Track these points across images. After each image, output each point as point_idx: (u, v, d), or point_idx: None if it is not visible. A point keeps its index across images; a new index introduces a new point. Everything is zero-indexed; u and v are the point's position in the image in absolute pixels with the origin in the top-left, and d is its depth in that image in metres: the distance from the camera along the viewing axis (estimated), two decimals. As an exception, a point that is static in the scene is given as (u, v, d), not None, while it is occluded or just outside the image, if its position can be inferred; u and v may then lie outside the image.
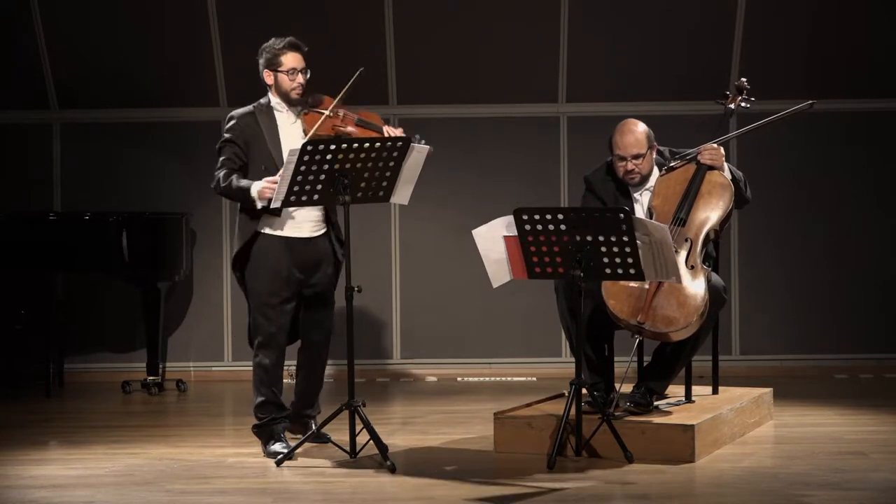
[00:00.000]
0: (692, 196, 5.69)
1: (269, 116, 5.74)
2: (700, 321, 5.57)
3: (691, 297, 5.54)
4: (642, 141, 5.77)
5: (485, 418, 6.28)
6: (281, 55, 5.71)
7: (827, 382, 8.01)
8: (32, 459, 5.70)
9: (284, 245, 5.68)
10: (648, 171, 5.83)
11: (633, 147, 5.76)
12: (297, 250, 5.70)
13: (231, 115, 5.78)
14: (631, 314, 5.55)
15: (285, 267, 5.67)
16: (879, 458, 5.44)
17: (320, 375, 5.92)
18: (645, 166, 5.80)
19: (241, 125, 5.71)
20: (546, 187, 8.42)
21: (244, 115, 5.74)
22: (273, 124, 5.74)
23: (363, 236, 8.07)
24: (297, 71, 5.71)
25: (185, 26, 8.29)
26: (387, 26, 8.24)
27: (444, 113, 8.43)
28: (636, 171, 5.79)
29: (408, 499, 4.84)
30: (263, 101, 5.78)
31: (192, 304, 8.50)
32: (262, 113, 5.74)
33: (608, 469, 5.26)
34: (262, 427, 5.73)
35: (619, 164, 5.81)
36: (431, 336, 8.47)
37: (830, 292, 8.40)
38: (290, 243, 5.69)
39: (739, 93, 5.97)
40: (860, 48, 8.26)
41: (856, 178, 8.41)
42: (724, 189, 5.73)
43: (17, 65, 8.41)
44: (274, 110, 5.76)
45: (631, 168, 5.78)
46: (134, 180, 8.44)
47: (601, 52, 8.31)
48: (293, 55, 5.71)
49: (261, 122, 5.72)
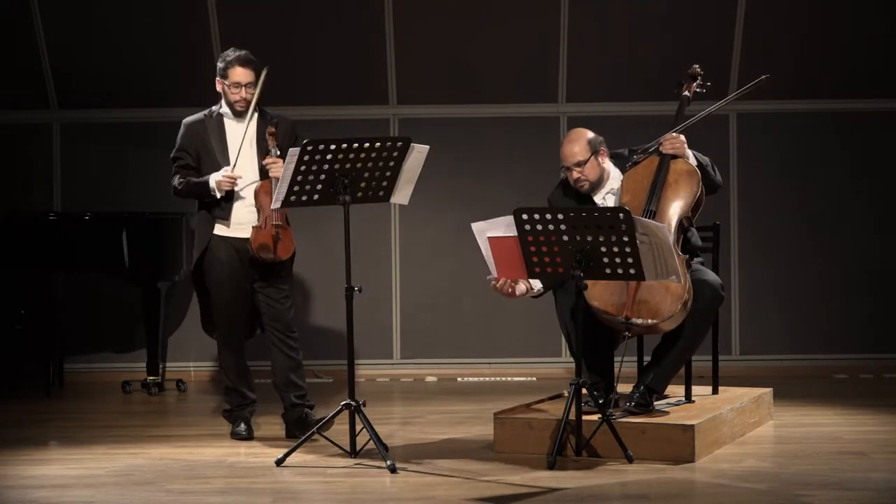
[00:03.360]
0: (659, 186, 5.75)
1: (218, 123, 6.04)
2: (686, 310, 5.59)
3: (673, 284, 5.55)
4: (582, 148, 5.83)
5: (485, 418, 6.28)
6: (229, 68, 6.00)
7: (827, 382, 8.01)
8: (32, 459, 5.70)
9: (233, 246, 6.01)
10: (596, 177, 5.88)
11: (573, 156, 5.84)
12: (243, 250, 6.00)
13: (183, 122, 6.11)
14: (616, 311, 5.59)
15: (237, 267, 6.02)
16: (879, 458, 5.44)
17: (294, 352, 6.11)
18: (590, 172, 5.86)
19: (190, 133, 6.06)
20: (546, 187, 8.37)
21: (194, 122, 6.09)
22: (221, 130, 6.02)
23: (363, 236, 8.07)
24: (242, 86, 5.97)
25: (185, 26, 8.29)
26: (387, 26, 8.24)
27: (444, 113, 8.43)
28: (583, 178, 5.86)
29: (408, 499, 4.84)
30: (215, 108, 6.09)
31: (192, 304, 8.48)
32: (211, 119, 6.05)
33: (608, 469, 5.26)
34: (229, 412, 6.21)
35: (567, 174, 5.92)
36: (431, 336, 8.47)
37: (830, 292, 8.40)
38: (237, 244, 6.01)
39: (693, 79, 6.05)
40: (859, 48, 8.26)
41: (855, 178, 8.41)
42: (690, 176, 5.77)
43: (17, 65, 8.41)
44: (224, 117, 6.06)
45: (577, 176, 5.87)
46: (134, 180, 8.44)
47: (601, 52, 8.31)
48: (242, 70, 5.99)
49: (209, 127, 6.02)
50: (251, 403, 6.21)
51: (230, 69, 5.98)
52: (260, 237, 5.92)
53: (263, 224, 5.92)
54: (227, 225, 6.01)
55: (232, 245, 6.01)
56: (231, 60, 5.99)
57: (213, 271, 6.05)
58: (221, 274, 6.03)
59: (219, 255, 6.03)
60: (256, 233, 5.93)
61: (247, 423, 6.15)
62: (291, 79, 8.11)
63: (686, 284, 5.58)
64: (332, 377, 8.32)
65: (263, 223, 5.92)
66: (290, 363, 6.09)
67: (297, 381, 6.08)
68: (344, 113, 8.35)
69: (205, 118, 6.06)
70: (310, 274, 8.20)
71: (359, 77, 8.33)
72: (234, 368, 6.18)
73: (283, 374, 6.09)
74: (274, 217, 5.90)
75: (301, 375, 6.11)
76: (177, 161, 6.07)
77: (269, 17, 8.21)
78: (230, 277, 6.03)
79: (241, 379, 6.19)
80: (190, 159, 6.02)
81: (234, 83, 5.98)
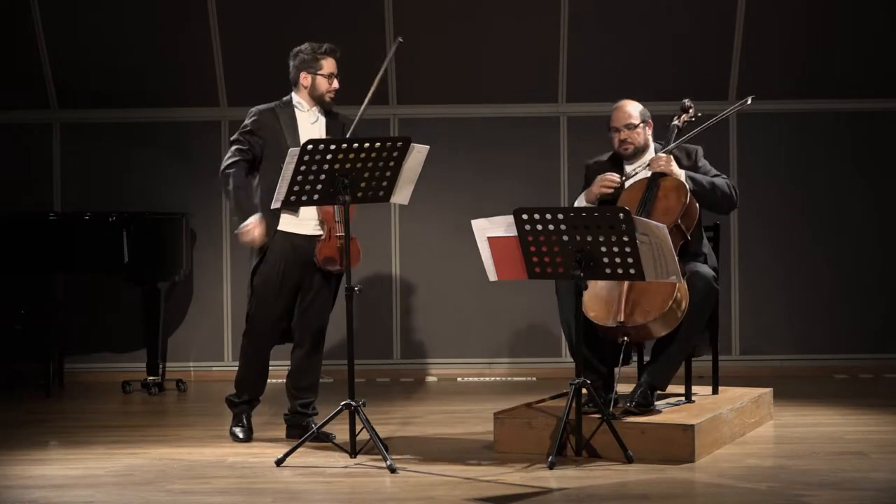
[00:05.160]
0: (650, 200, 5.90)
1: (289, 114, 5.96)
2: (680, 311, 5.62)
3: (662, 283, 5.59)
4: (635, 114, 6.11)
5: (485, 418, 6.28)
6: (321, 59, 5.97)
7: (827, 382, 8.01)
8: (32, 459, 5.70)
9: (291, 243, 5.91)
10: (642, 144, 6.11)
11: (627, 117, 6.09)
12: (301, 247, 5.89)
13: (253, 109, 6.00)
14: (611, 318, 5.65)
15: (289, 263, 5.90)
16: (879, 458, 5.44)
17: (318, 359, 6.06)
18: (637, 138, 6.09)
19: (262, 120, 5.94)
20: (546, 187, 8.42)
21: (265, 110, 5.98)
22: (293, 121, 5.95)
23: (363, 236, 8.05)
24: (335, 76, 5.99)
25: (185, 26, 8.29)
26: (387, 26, 8.24)
27: (444, 113, 8.43)
28: (629, 142, 6.09)
29: (408, 499, 4.84)
30: (286, 99, 6.02)
31: (192, 304, 8.50)
32: (283, 110, 5.97)
33: (608, 469, 5.26)
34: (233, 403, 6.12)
35: (614, 136, 6.11)
36: (431, 336, 8.47)
37: (830, 292, 8.40)
38: (293, 240, 5.90)
39: (685, 112, 6.22)
40: (860, 48, 8.26)
41: (855, 178, 8.42)
42: (678, 189, 5.91)
43: (17, 65, 8.41)
44: (295, 108, 5.98)
45: (624, 138, 6.08)
46: (134, 180, 8.44)
47: (601, 52, 8.31)
48: (333, 61, 6.00)
49: (281, 118, 5.94)
50: (258, 402, 6.17)
51: (323, 59, 5.95)
52: (325, 250, 5.87)
53: (328, 237, 5.88)
54: (296, 216, 5.88)
55: (291, 242, 5.90)
56: (323, 51, 5.95)
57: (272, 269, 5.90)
58: (276, 272, 5.90)
59: (279, 253, 5.89)
60: (322, 245, 5.88)
61: (248, 420, 6.10)
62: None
63: (678, 284, 5.61)
64: (332, 377, 8.33)
65: (328, 235, 5.88)
66: (316, 370, 6.06)
67: (314, 388, 6.07)
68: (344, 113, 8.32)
69: (276, 107, 5.97)
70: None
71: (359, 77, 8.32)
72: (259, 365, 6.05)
73: (305, 379, 6.02)
74: (338, 229, 5.85)
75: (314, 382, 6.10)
76: (238, 140, 5.92)
77: (269, 17, 8.20)
78: (286, 275, 5.92)
79: (260, 377, 6.08)
80: (256, 140, 5.89)
81: (329, 74, 5.96)
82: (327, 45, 5.99)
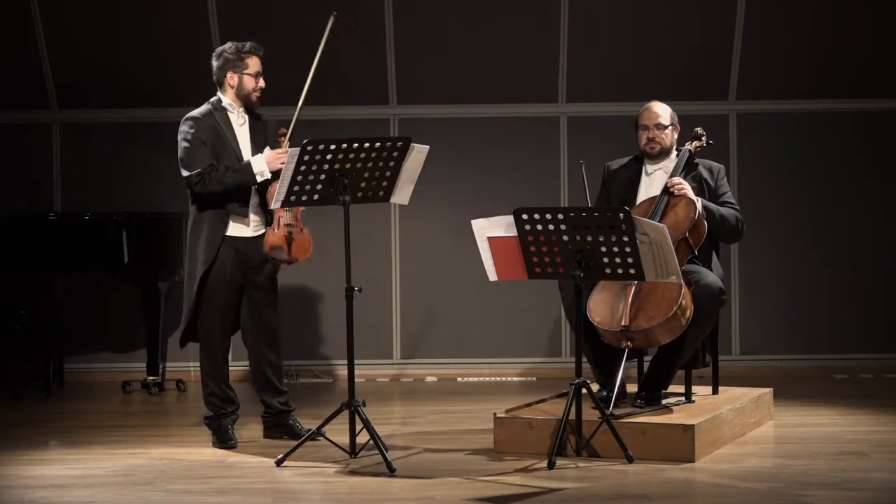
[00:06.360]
0: (660, 213, 5.91)
1: (223, 117, 5.92)
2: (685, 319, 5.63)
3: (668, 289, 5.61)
4: (665, 115, 6.16)
5: (485, 418, 6.27)
6: (247, 58, 5.92)
7: (827, 382, 8.01)
8: (32, 459, 5.70)
9: (232, 247, 5.89)
10: (668, 146, 6.16)
11: (658, 117, 6.15)
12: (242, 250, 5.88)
13: (190, 116, 5.91)
14: (615, 322, 5.65)
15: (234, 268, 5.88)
16: (879, 458, 5.44)
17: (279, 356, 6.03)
18: (665, 139, 6.14)
19: (204, 126, 5.86)
20: (546, 187, 8.42)
21: (204, 116, 5.91)
22: (229, 125, 5.92)
23: (363, 236, 8.07)
24: (261, 75, 5.94)
25: (185, 26, 8.29)
26: (387, 27, 8.24)
27: (444, 113, 8.43)
28: (656, 141, 6.13)
29: (408, 499, 4.84)
30: (215, 101, 5.96)
31: (192, 304, 8.49)
32: (217, 113, 5.92)
33: (608, 469, 5.26)
34: (212, 419, 5.99)
35: (642, 133, 6.16)
36: (431, 336, 8.47)
37: (830, 292, 8.40)
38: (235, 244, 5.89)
39: (696, 139, 6.26)
40: (860, 48, 8.26)
41: (856, 178, 8.42)
42: (687, 204, 5.93)
43: (17, 65, 8.41)
44: (227, 111, 5.94)
45: (652, 136, 6.13)
46: (134, 180, 8.44)
47: (601, 52, 8.31)
48: (256, 59, 5.94)
49: (219, 121, 5.90)
50: (237, 408, 6.04)
51: (248, 58, 5.91)
52: (272, 239, 5.85)
53: (276, 225, 5.86)
54: (245, 224, 5.89)
55: (233, 246, 5.87)
56: (248, 50, 5.92)
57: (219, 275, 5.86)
58: (222, 276, 5.87)
59: (223, 258, 5.86)
60: (269, 234, 5.86)
61: (231, 429, 5.96)
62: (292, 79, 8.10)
63: (683, 291, 5.60)
64: (331, 377, 8.32)
65: (276, 224, 5.86)
66: (280, 367, 6.05)
67: (281, 386, 6.04)
68: (344, 113, 8.35)
69: (212, 111, 5.91)
70: (310, 274, 8.20)
71: (359, 77, 8.33)
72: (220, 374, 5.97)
73: (269, 379, 6.01)
74: (286, 217, 5.84)
75: (282, 379, 6.09)
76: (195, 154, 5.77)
77: (269, 17, 8.20)
78: (230, 279, 5.90)
79: (225, 383, 6.00)
80: (208, 149, 5.81)
81: (256, 72, 5.92)
82: (251, 44, 5.95)
